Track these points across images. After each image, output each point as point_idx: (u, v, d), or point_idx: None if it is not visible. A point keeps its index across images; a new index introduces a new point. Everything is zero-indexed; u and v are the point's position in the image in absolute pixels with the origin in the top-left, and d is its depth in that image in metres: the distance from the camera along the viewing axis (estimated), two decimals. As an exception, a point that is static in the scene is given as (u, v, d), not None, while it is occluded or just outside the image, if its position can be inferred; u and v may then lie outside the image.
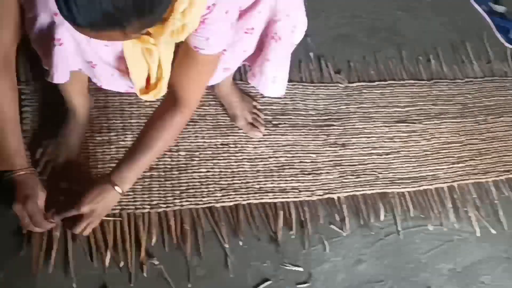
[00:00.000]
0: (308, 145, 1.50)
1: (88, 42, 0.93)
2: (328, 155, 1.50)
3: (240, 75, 1.56)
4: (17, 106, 1.05)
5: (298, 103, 1.57)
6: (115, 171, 1.09)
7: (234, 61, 1.16)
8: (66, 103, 1.26)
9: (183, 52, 1.00)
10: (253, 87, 1.53)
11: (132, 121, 1.38)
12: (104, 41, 0.94)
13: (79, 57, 0.95)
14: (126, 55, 0.96)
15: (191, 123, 1.43)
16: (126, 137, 1.35)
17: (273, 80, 1.20)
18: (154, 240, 1.24)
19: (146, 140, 1.09)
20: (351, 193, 1.45)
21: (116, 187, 1.08)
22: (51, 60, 0.91)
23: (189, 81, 1.04)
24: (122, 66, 1.02)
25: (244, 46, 1.14)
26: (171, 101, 1.06)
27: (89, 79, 1.17)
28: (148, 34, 0.95)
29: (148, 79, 1.04)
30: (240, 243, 1.30)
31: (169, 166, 1.35)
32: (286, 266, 1.30)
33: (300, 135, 1.51)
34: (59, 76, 0.94)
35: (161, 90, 1.01)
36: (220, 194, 1.35)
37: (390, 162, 1.54)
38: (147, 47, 0.97)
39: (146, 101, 1.41)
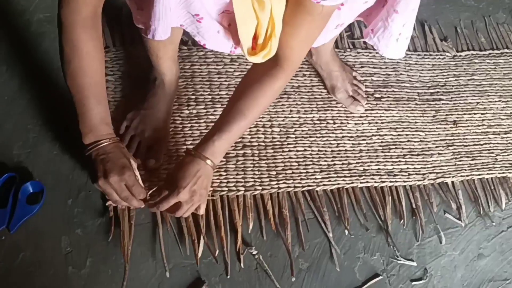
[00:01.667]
0: (416, 122, 1.31)
1: None
2: (439, 134, 1.31)
3: (336, 43, 1.38)
4: (104, 69, 0.91)
5: (402, 74, 1.38)
6: (206, 144, 0.96)
7: (350, 16, 0.98)
8: (153, 71, 1.12)
9: (294, 5, 0.84)
10: (350, 54, 1.37)
11: (221, 93, 1.23)
12: None
13: (184, 10, 0.81)
14: (235, 8, 0.80)
15: (284, 96, 1.27)
16: (215, 111, 1.20)
17: (397, 38, 1.01)
18: (251, 226, 1.10)
19: (241, 107, 0.95)
20: (467, 178, 1.26)
21: (208, 161, 0.96)
22: (152, 14, 0.77)
23: (299, 39, 0.87)
24: (226, 22, 0.87)
25: None
26: (271, 60, 0.90)
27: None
28: None
29: (254, 38, 0.88)
30: (346, 232, 1.14)
31: (263, 144, 1.20)
32: (398, 260, 1.14)
33: (406, 110, 1.32)
34: (161, 31, 0.80)
35: (272, 49, 0.86)
36: (320, 177, 1.19)
37: (509, 142, 1.34)
38: None
39: (235, 72, 1.27)
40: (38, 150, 1.10)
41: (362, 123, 1.28)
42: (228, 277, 1.05)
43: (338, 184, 1.19)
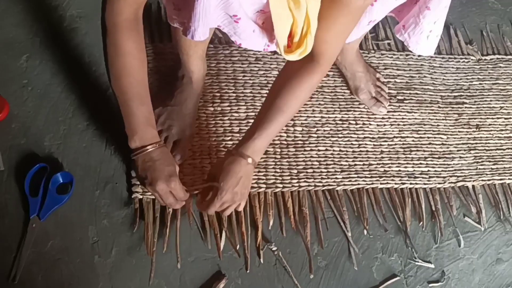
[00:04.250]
0: (438, 125, 1.32)
1: None
2: (461, 137, 1.32)
3: (360, 44, 1.39)
4: (146, 70, 0.94)
5: (425, 76, 1.38)
6: (247, 142, 0.97)
7: (382, 12, 0.99)
8: (181, 68, 1.15)
9: (330, 2, 0.85)
10: (374, 56, 1.38)
11: (245, 91, 1.25)
12: None
13: (222, 11, 0.83)
14: (272, 7, 0.82)
15: (307, 96, 1.29)
16: (239, 109, 1.23)
17: (428, 35, 1.02)
18: (271, 223, 1.13)
19: (279, 103, 0.96)
20: (488, 182, 1.27)
21: (249, 160, 0.97)
22: (192, 15, 0.79)
23: (335, 35, 0.89)
24: (261, 21, 0.89)
25: None
26: (307, 56, 0.91)
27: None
28: None
29: (289, 37, 0.90)
30: (365, 232, 1.16)
31: (285, 143, 1.22)
32: (416, 261, 1.15)
33: (429, 113, 1.33)
34: (200, 32, 0.83)
35: (308, 47, 0.87)
36: (341, 176, 1.21)
37: (532, 148, 1.34)
38: None
39: (259, 70, 1.29)
40: (68, 142, 1.14)
41: (384, 125, 1.29)
42: (248, 271, 1.08)
43: (358, 184, 1.20)
